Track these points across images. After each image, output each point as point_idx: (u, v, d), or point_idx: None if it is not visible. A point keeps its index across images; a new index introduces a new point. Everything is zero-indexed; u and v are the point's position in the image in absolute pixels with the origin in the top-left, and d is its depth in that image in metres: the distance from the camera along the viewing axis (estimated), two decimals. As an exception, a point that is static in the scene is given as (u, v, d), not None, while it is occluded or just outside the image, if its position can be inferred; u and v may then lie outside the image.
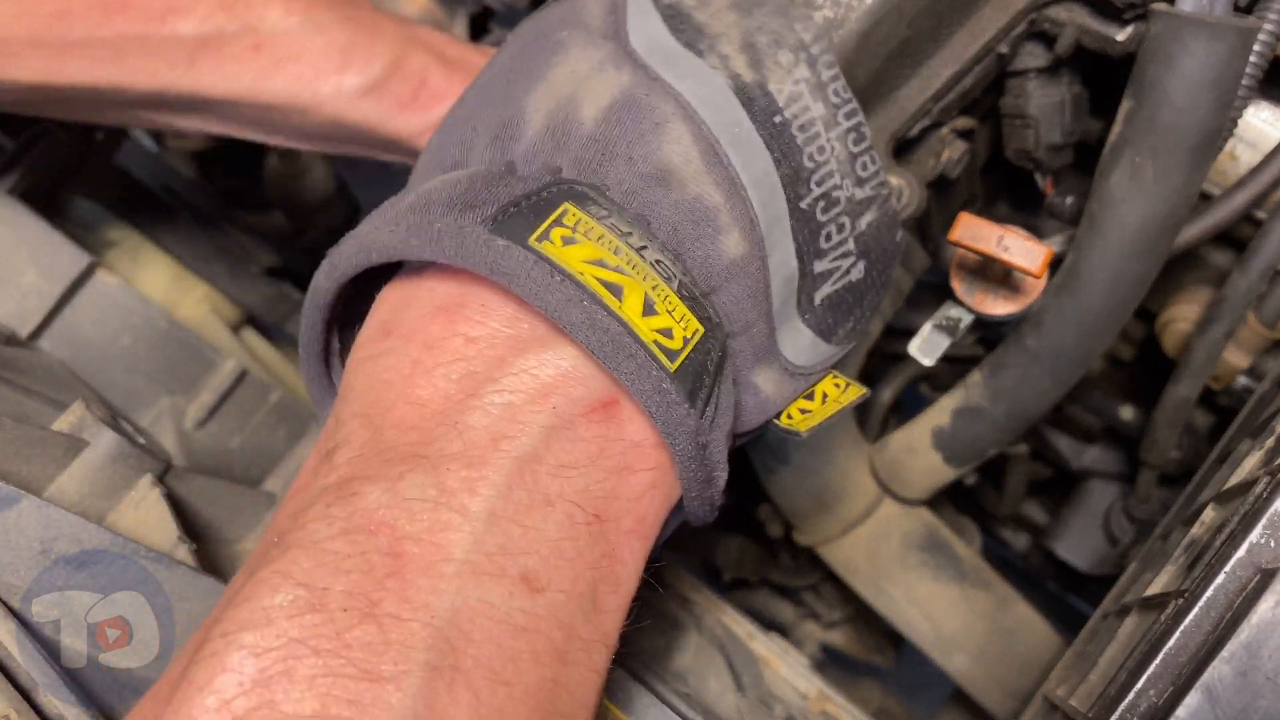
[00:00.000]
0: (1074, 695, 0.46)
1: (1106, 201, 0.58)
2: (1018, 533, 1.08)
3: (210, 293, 0.81)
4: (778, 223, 0.42)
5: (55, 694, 0.42)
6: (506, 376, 0.36)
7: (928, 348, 0.67)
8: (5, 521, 0.46)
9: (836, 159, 0.43)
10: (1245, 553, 0.39)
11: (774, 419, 0.45)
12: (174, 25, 0.52)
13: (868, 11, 0.52)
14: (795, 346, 0.44)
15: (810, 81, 0.43)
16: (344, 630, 0.30)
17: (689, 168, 0.40)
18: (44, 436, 0.52)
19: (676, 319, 0.38)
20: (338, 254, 0.38)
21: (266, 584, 0.31)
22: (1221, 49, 0.52)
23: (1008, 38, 0.58)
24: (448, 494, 0.33)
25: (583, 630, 0.35)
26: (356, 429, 0.36)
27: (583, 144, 0.40)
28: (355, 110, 0.56)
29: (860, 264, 0.45)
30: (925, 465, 0.75)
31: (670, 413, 0.36)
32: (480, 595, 0.32)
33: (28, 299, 0.67)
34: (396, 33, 0.57)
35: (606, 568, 0.36)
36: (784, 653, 0.66)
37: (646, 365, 0.36)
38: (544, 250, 0.36)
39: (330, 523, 0.33)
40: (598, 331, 0.35)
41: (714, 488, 0.40)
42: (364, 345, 0.39)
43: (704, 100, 0.41)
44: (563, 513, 0.35)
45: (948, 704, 0.98)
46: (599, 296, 0.36)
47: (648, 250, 0.39)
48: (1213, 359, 0.68)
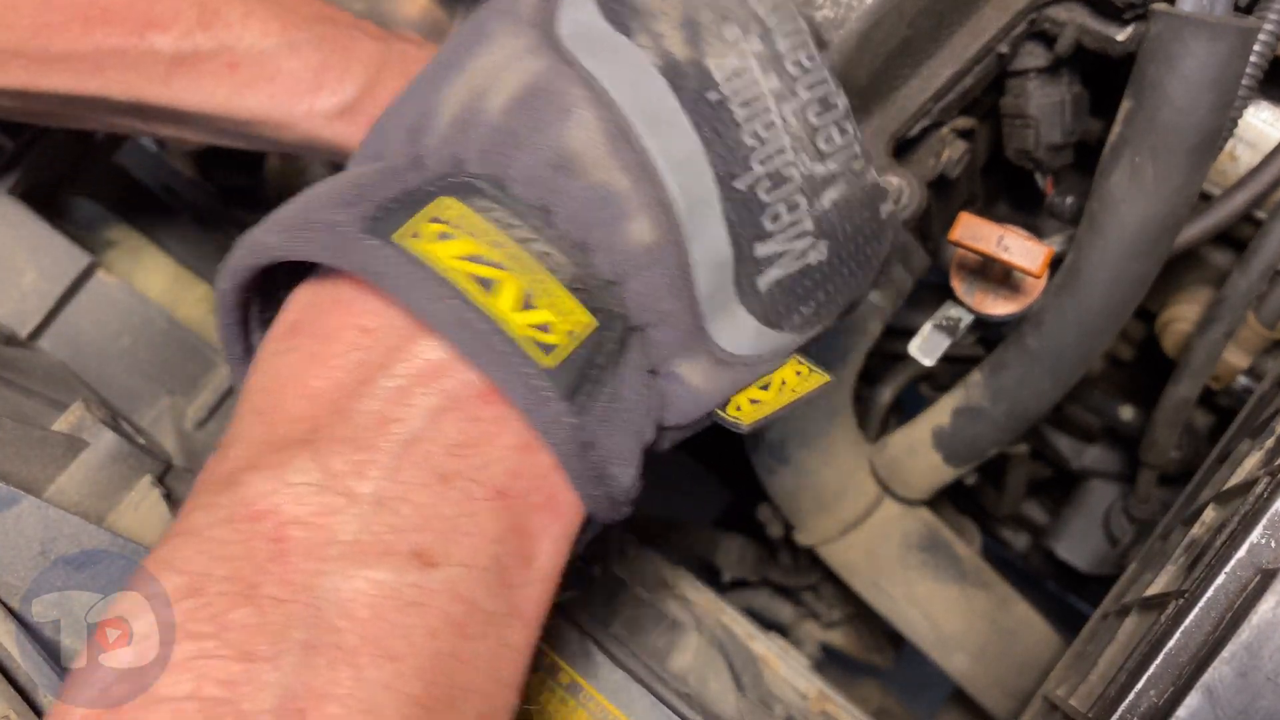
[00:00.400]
0: (1074, 695, 0.46)
1: (1107, 201, 0.58)
2: (1018, 533, 1.08)
3: (210, 293, 0.81)
4: (704, 205, 0.40)
5: (55, 694, 0.42)
6: (399, 363, 0.36)
7: (928, 348, 0.67)
8: (5, 522, 0.46)
9: (791, 134, 0.41)
10: (1245, 553, 0.39)
11: (719, 410, 0.43)
12: (152, 40, 0.53)
13: (868, 11, 0.52)
14: (735, 335, 0.42)
15: (761, 55, 0.41)
16: (221, 613, 0.31)
17: (593, 153, 0.38)
18: (44, 437, 0.52)
19: (559, 312, 0.37)
20: (231, 259, 0.39)
21: (147, 572, 0.32)
22: (1222, 49, 0.52)
23: (1008, 37, 0.58)
24: (334, 477, 0.34)
25: (487, 604, 0.35)
26: (251, 424, 0.36)
27: (486, 134, 0.40)
28: (328, 130, 0.57)
29: (822, 244, 0.42)
30: (925, 465, 0.75)
31: (542, 410, 0.36)
32: (367, 574, 0.33)
33: (28, 299, 0.67)
34: (372, 55, 0.58)
35: (514, 543, 0.37)
36: (784, 653, 0.66)
37: (515, 362, 0.36)
38: (410, 247, 0.36)
39: (213, 510, 0.33)
40: (462, 328, 0.35)
41: (608, 485, 0.39)
42: (269, 343, 0.39)
43: (622, 81, 0.39)
44: (459, 490, 0.35)
45: (948, 704, 0.98)
46: (465, 293, 0.36)
47: (535, 243, 0.38)
48: (1213, 359, 0.68)
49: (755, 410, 0.44)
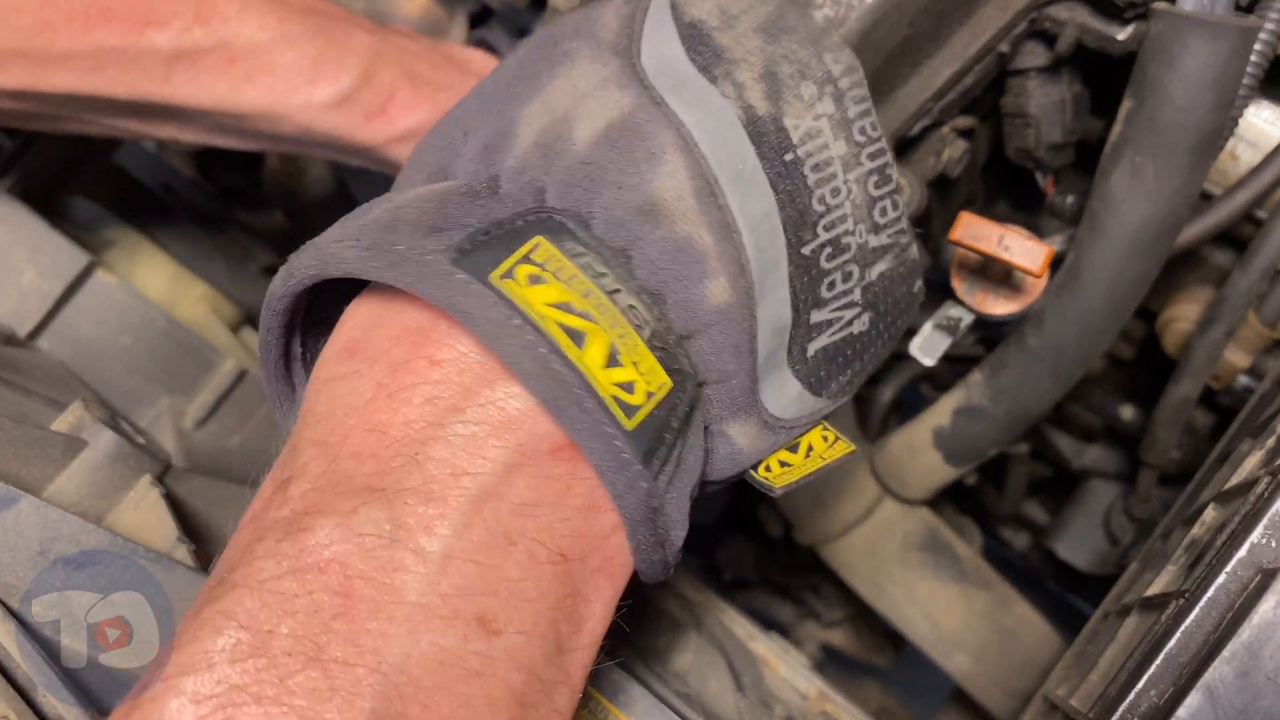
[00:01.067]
0: (1074, 695, 0.46)
1: (1107, 201, 0.58)
2: (1018, 533, 1.08)
3: (210, 292, 0.81)
4: (773, 269, 0.39)
5: (55, 694, 0.42)
6: (471, 408, 0.34)
7: (928, 347, 0.67)
8: (4, 522, 0.46)
9: (852, 202, 0.41)
10: (1246, 553, 0.39)
11: (750, 470, 0.43)
12: (151, 38, 0.54)
13: (869, 10, 0.52)
14: (780, 399, 0.41)
15: (833, 117, 0.40)
16: (287, 676, 0.29)
17: (680, 205, 0.38)
18: (43, 436, 0.52)
19: (641, 371, 0.36)
20: (296, 262, 0.37)
21: (209, 625, 0.30)
22: (1222, 48, 0.52)
23: (1008, 37, 0.58)
24: (404, 531, 0.32)
25: (544, 672, 0.34)
26: (313, 457, 0.35)
27: (571, 166, 0.38)
28: (324, 121, 0.58)
29: (865, 315, 0.42)
30: (926, 465, 0.75)
31: (621, 474, 0.35)
32: (433, 639, 0.31)
33: (27, 298, 0.67)
34: (367, 46, 0.58)
35: (570, 607, 0.35)
36: (784, 653, 0.66)
37: (600, 422, 0.34)
38: (505, 289, 0.34)
39: (279, 560, 0.31)
40: (551, 382, 0.34)
41: (667, 550, 0.38)
42: (327, 364, 0.37)
43: (709, 132, 0.38)
44: (524, 552, 0.34)
45: (948, 704, 0.98)
46: (557, 344, 0.34)
47: (621, 294, 0.37)
48: (1213, 358, 0.68)
49: (786, 473, 0.43)
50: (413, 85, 0.59)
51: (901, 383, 0.87)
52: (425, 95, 0.59)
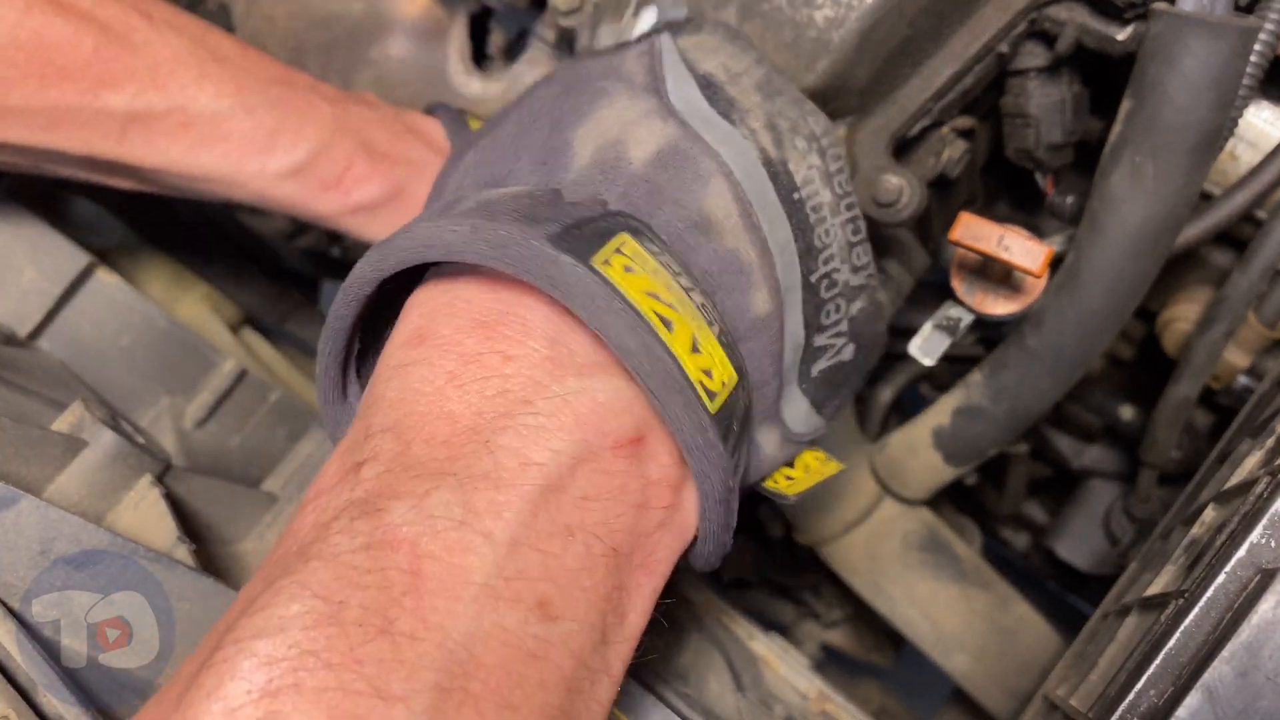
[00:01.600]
0: (1074, 695, 0.46)
1: (1107, 201, 0.58)
2: (1018, 533, 1.08)
3: (210, 293, 0.81)
4: (792, 291, 0.44)
5: (55, 694, 0.42)
6: (541, 400, 0.36)
7: (928, 347, 0.67)
8: (5, 521, 0.46)
9: (838, 243, 0.46)
10: (1246, 553, 0.39)
11: (762, 481, 0.47)
12: (106, 99, 0.54)
13: (868, 11, 0.52)
14: (794, 413, 0.46)
15: (820, 169, 0.46)
16: (357, 645, 0.30)
17: (729, 222, 0.42)
18: (43, 436, 0.52)
19: (716, 361, 0.38)
20: (388, 246, 0.38)
21: (284, 593, 0.31)
22: (1222, 48, 0.52)
23: (1008, 37, 0.58)
24: (473, 515, 0.33)
25: (590, 661, 0.35)
26: (386, 442, 0.36)
27: (631, 181, 0.42)
28: (279, 189, 0.58)
29: (850, 346, 0.47)
30: (925, 465, 0.75)
31: (709, 452, 0.37)
32: (495, 619, 0.32)
33: (27, 298, 0.67)
34: (327, 117, 0.59)
35: (617, 600, 0.37)
36: (784, 652, 0.66)
37: (693, 403, 0.36)
38: (607, 274, 0.36)
39: (353, 536, 0.33)
40: (651, 360, 0.36)
41: (730, 534, 0.40)
42: (397, 351, 0.39)
43: (739, 166, 0.43)
44: (582, 543, 0.35)
45: (948, 704, 0.98)
46: (654, 328, 0.36)
47: (694, 293, 0.40)
48: (1213, 359, 0.68)
49: (791, 485, 0.47)
50: (369, 158, 0.60)
51: (901, 383, 0.87)
52: (382, 170, 0.60)
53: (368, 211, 0.60)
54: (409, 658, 0.30)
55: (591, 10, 0.61)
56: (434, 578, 0.32)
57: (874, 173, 0.57)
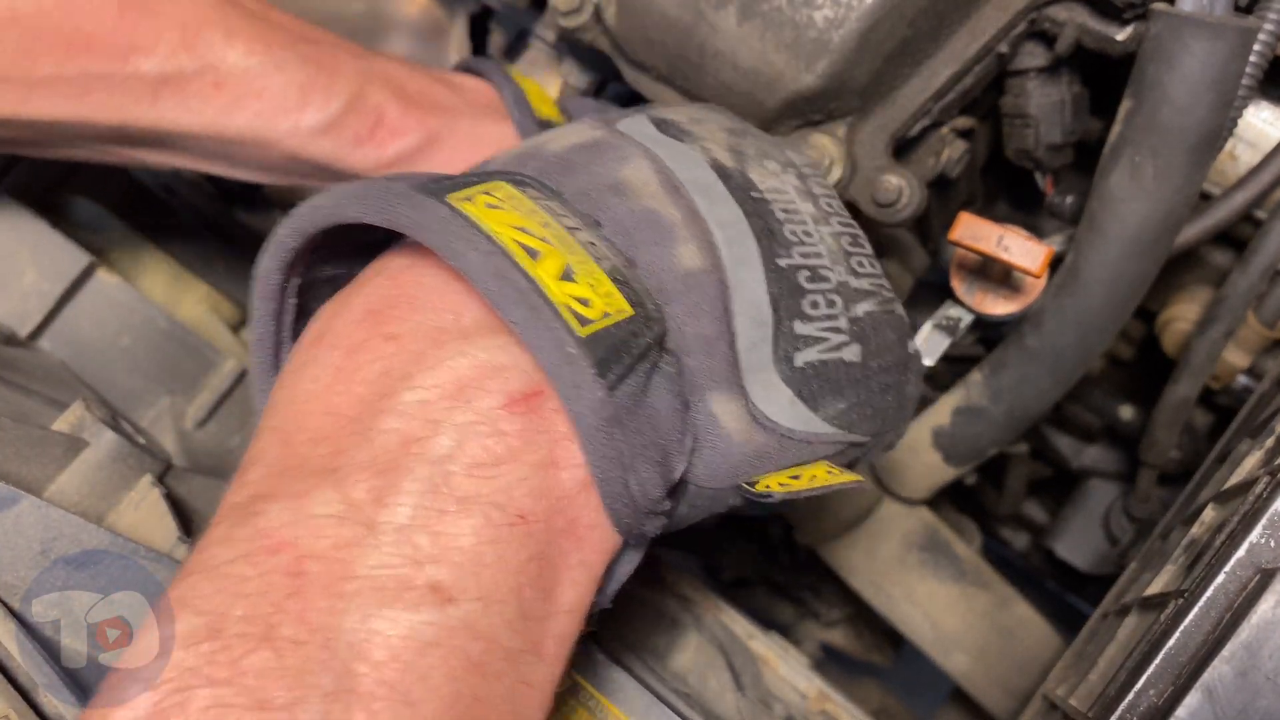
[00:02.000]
0: (1074, 695, 0.46)
1: (1107, 201, 0.58)
2: (1018, 532, 1.08)
3: (210, 293, 0.81)
4: (746, 265, 0.42)
5: (55, 694, 0.42)
6: (423, 373, 0.35)
7: (928, 347, 0.67)
8: (5, 522, 0.46)
9: (827, 247, 0.45)
10: (1245, 552, 0.39)
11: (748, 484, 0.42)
12: (137, 64, 0.53)
13: (868, 11, 0.52)
14: (770, 400, 0.42)
15: (799, 188, 0.46)
16: (240, 657, 0.29)
17: (647, 188, 0.42)
18: (44, 436, 0.52)
19: (599, 293, 0.36)
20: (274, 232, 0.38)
21: (165, 612, 0.31)
22: (1222, 49, 0.52)
23: (1008, 37, 0.58)
24: (353, 507, 0.32)
25: (506, 640, 0.34)
26: (269, 444, 0.35)
27: (543, 161, 0.43)
28: (313, 146, 0.57)
29: (854, 346, 0.44)
30: (925, 465, 0.75)
31: (568, 372, 0.34)
32: (385, 612, 0.31)
33: (28, 299, 0.67)
34: (356, 69, 0.58)
35: (535, 572, 0.35)
36: (783, 652, 0.66)
37: (551, 323, 0.34)
38: (462, 208, 0.36)
39: (232, 545, 0.32)
40: (501, 282, 0.34)
41: (631, 488, 0.36)
42: (294, 355, 0.38)
43: (675, 158, 0.43)
44: (480, 516, 0.33)
45: (947, 704, 0.98)
46: (510, 253, 0.35)
47: (581, 232, 0.39)
48: (1213, 359, 0.68)
49: (785, 491, 0.43)
50: (402, 108, 0.59)
51: (901, 383, 0.87)
52: (415, 118, 0.59)
53: (405, 163, 0.59)
54: (292, 664, 0.30)
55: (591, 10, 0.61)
56: (316, 577, 0.31)
57: (874, 173, 0.58)
